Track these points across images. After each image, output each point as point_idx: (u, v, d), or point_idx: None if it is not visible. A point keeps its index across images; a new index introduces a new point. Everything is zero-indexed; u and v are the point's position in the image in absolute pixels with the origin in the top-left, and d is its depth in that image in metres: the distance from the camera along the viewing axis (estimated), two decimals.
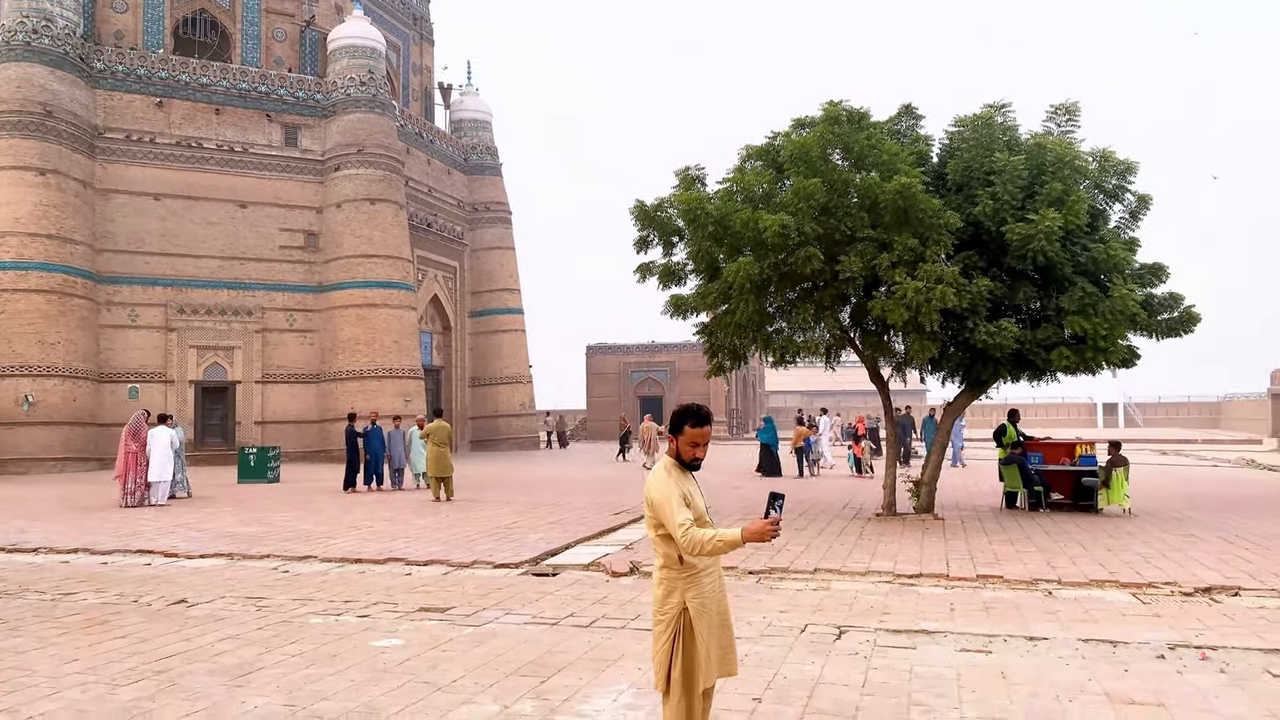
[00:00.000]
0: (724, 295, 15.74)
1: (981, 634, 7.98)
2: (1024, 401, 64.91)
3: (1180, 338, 16.23)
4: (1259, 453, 38.51)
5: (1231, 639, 7.72)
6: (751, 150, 16.61)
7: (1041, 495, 17.28)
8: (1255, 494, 20.39)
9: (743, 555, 11.70)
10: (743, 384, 61.93)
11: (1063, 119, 15.90)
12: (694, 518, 4.55)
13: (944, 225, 14.32)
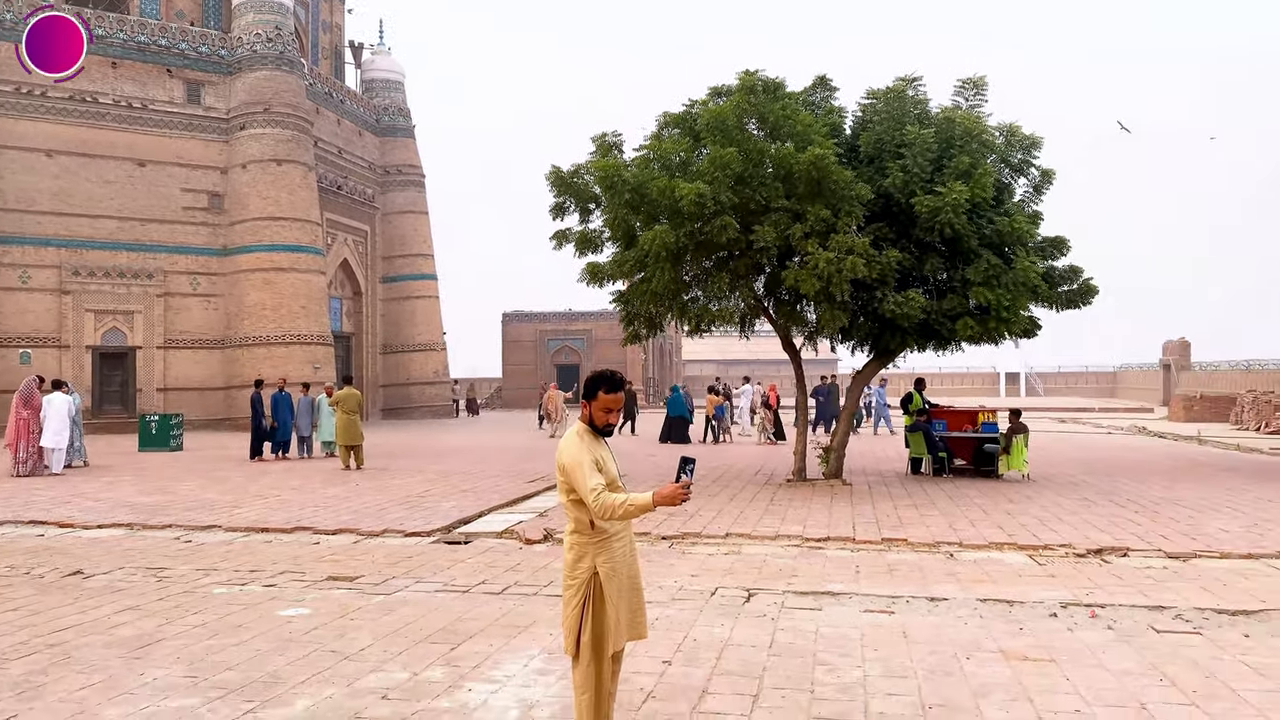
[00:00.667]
0: (640, 263, 15.73)
1: (885, 595, 8.21)
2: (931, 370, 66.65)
3: (1079, 309, 16.81)
4: (1150, 420, 40.29)
5: (1120, 597, 8.08)
6: (669, 118, 16.57)
7: (945, 461, 17.81)
8: (1145, 460, 21.33)
9: (656, 521, 11.80)
10: (660, 353, 62.22)
11: (971, 93, 16.23)
12: (606, 483, 4.55)
13: (856, 197, 14.53)
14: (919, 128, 15.08)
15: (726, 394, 31.68)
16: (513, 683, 5.93)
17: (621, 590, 4.69)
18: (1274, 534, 10.99)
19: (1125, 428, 34.85)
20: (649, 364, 57.73)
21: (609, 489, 4.57)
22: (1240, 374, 46.96)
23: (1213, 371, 51.88)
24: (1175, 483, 16.39)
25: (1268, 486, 15.81)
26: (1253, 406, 35.10)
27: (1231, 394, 40.04)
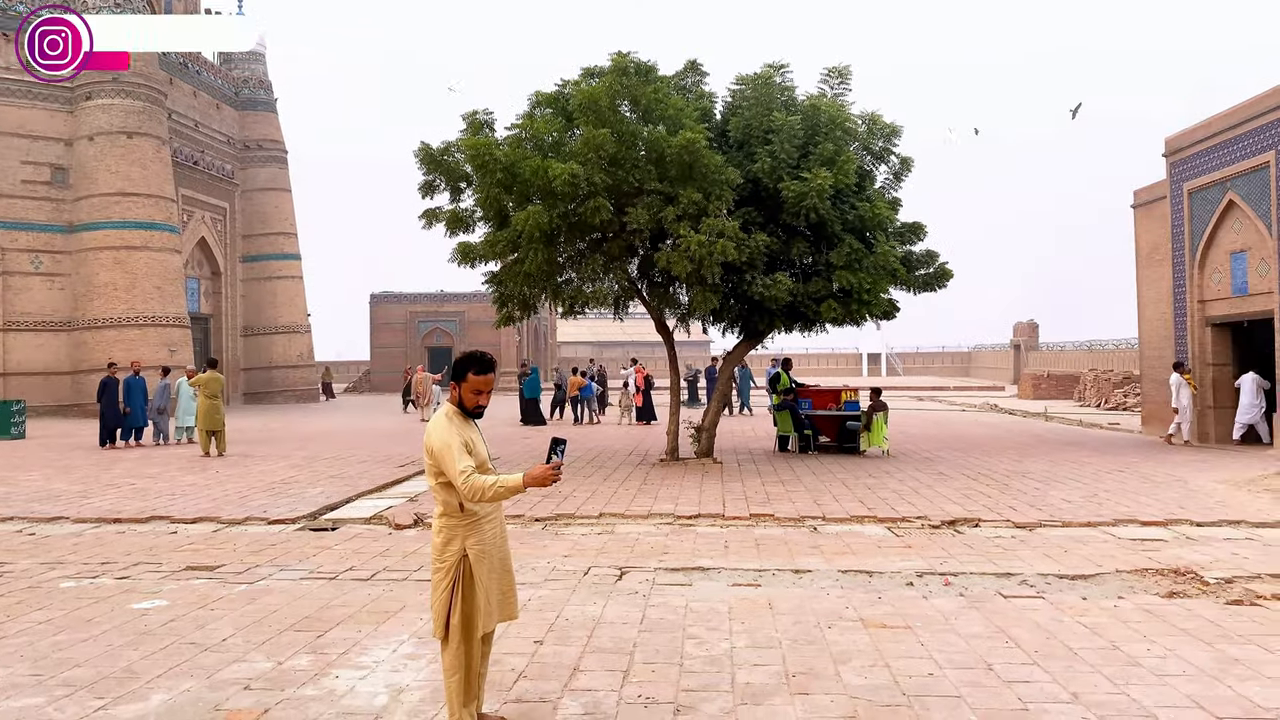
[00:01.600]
0: (513, 244, 15.61)
1: (753, 569, 8.44)
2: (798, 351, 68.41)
3: (935, 292, 17.55)
4: (1001, 398, 42.42)
5: (970, 566, 8.53)
6: (541, 97, 16.46)
7: (811, 439, 18.37)
8: (996, 435, 22.48)
9: (530, 503, 11.80)
10: (534, 334, 61.88)
11: (835, 82, 16.67)
12: (476, 465, 4.55)
13: (726, 181, 14.77)
14: (786, 114, 15.43)
15: (601, 377, 31.83)
16: (382, 668, 5.85)
17: (492, 572, 4.69)
18: (1110, 504, 11.76)
19: (978, 405, 36.60)
20: (523, 346, 57.33)
21: (479, 472, 4.57)
22: (1083, 354, 49.89)
23: (1059, 352, 54.95)
24: (1023, 457, 17.33)
25: (1106, 459, 16.88)
26: (1094, 384, 37.37)
27: (1075, 373, 42.50)
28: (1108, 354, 45.90)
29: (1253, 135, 18.07)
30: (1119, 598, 7.36)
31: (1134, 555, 8.82)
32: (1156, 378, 22.25)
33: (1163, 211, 21.52)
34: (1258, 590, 7.47)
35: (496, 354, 51.38)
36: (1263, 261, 18.11)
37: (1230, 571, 8.08)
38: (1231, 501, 11.81)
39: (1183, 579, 7.87)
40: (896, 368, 79.07)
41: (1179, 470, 14.99)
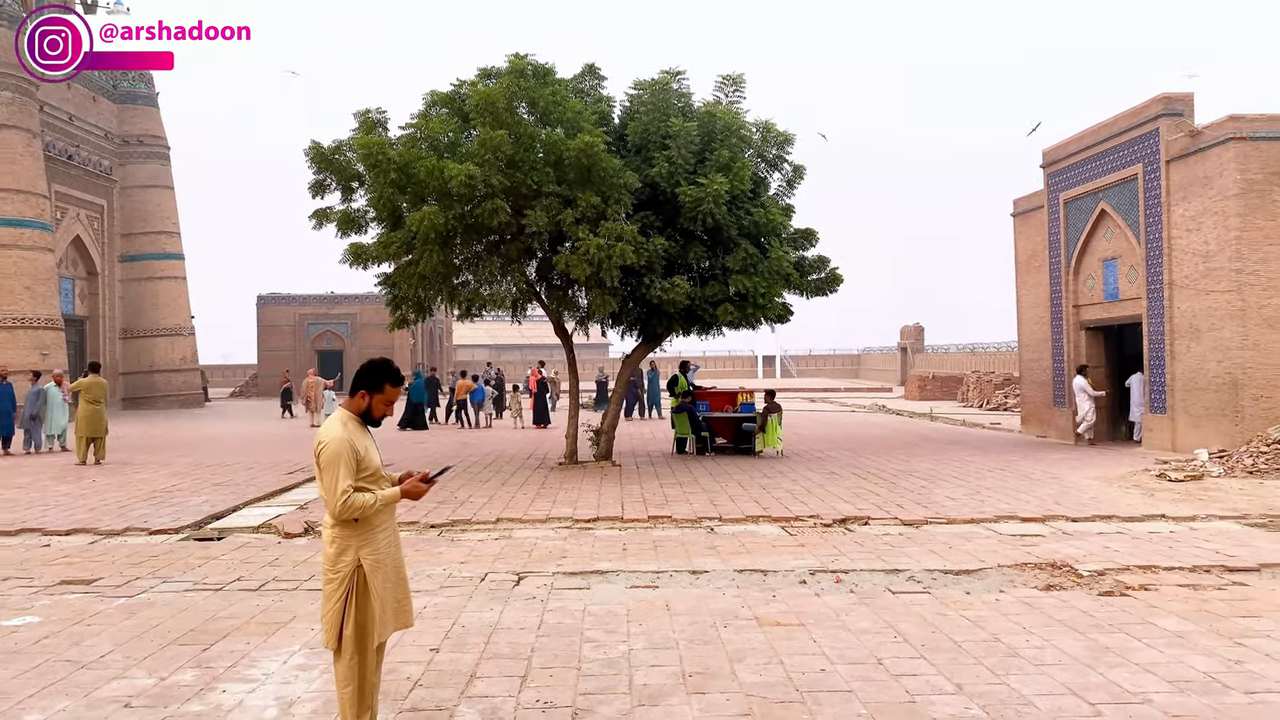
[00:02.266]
0: (408, 245, 15.38)
1: (651, 571, 8.50)
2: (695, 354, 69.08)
3: (826, 296, 17.98)
4: (889, 399, 43.67)
5: (861, 562, 8.76)
6: (437, 97, 16.26)
7: (708, 440, 18.61)
8: (884, 435, 23.13)
9: (425, 509, 11.64)
10: (429, 337, 60.94)
11: (730, 89, 16.93)
12: (370, 473, 4.55)
13: (624, 185, 14.84)
14: (683, 120, 15.58)
15: (499, 380, 31.58)
16: (271, 680, 5.70)
17: (387, 581, 4.63)
18: (992, 501, 12.23)
19: (868, 406, 37.60)
20: (418, 349, 56.41)
21: (372, 479, 4.56)
22: (966, 356, 51.76)
23: (943, 354, 56.88)
24: (910, 456, 17.88)
25: (988, 458, 17.55)
26: (976, 385, 38.80)
27: (959, 374, 44.05)
28: (989, 356, 47.72)
29: (1123, 148, 19.04)
30: (1000, 591, 7.67)
31: (1014, 550, 9.20)
32: (1035, 379, 23.24)
33: (1040, 220, 22.50)
34: (1127, 581, 7.88)
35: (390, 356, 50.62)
36: (1132, 269, 19.10)
37: (1102, 564, 8.50)
38: (1104, 497, 12.42)
39: (1059, 572, 8.25)
40: (790, 370, 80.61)
41: (1055, 468, 15.68)
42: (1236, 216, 16.12)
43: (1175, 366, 17.68)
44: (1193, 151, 17.11)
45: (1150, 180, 18.18)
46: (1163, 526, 10.40)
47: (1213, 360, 16.70)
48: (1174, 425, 17.72)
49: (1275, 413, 15.86)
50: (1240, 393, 16.08)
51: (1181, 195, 17.42)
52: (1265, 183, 16.12)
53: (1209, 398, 16.83)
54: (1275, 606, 7.09)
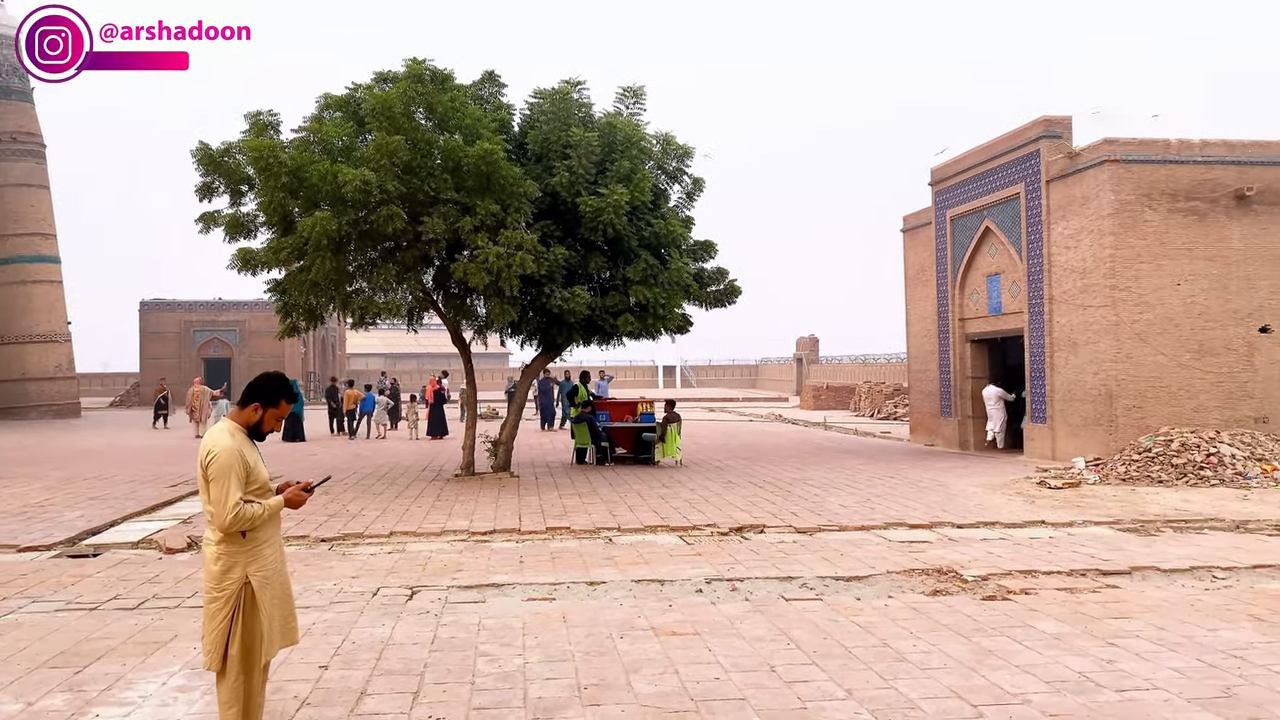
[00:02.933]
0: (299, 251, 14.98)
1: (547, 583, 8.44)
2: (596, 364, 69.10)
3: (725, 308, 18.21)
4: (785, 409, 44.44)
5: (756, 570, 8.88)
6: (331, 100, 15.90)
7: (608, 450, 18.61)
8: (780, 444, 23.51)
9: (315, 522, 11.35)
10: (322, 346, 59.48)
11: (631, 101, 17.03)
12: (257, 487, 4.47)
13: (524, 193, 14.76)
14: (584, 130, 15.60)
15: (394, 390, 30.99)
16: (149, 703, 5.46)
17: (275, 597, 4.53)
18: (882, 508, 12.54)
19: (765, 415, 38.19)
20: (310, 358, 55.02)
21: (260, 491, 4.47)
22: (859, 367, 53.03)
23: (837, 364, 58.17)
24: (805, 465, 18.22)
25: (878, 466, 18.01)
26: (868, 395, 39.78)
27: (852, 384, 45.08)
28: (880, 367, 49.00)
29: (1006, 168, 19.83)
30: (889, 597, 7.87)
31: (902, 556, 9.45)
32: (923, 389, 23.96)
33: (928, 236, 23.24)
34: (1009, 586, 8.17)
35: (280, 365, 49.16)
36: (1014, 284, 19.88)
37: (986, 569, 8.79)
38: (988, 504, 12.86)
39: (945, 578, 8.50)
40: (690, 380, 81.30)
41: (942, 476, 16.18)
42: (1111, 235, 16.94)
43: (1055, 378, 18.45)
44: (1071, 172, 17.93)
45: (1031, 199, 18.97)
46: (1043, 532, 10.83)
47: (1089, 372, 17.49)
48: (1054, 434, 18.48)
49: (1146, 422, 16.69)
50: (1114, 403, 16.88)
51: (1061, 214, 18.22)
52: (1137, 203, 16.99)
53: (1086, 408, 17.61)
54: (1145, 608, 7.44)
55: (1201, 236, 17.11)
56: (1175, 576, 8.53)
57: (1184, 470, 14.70)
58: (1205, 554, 9.40)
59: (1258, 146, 17.59)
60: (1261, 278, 17.23)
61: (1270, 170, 17.31)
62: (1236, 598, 7.74)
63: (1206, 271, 17.09)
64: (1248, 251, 17.21)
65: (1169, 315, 16.97)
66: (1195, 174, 17.15)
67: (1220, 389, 17.03)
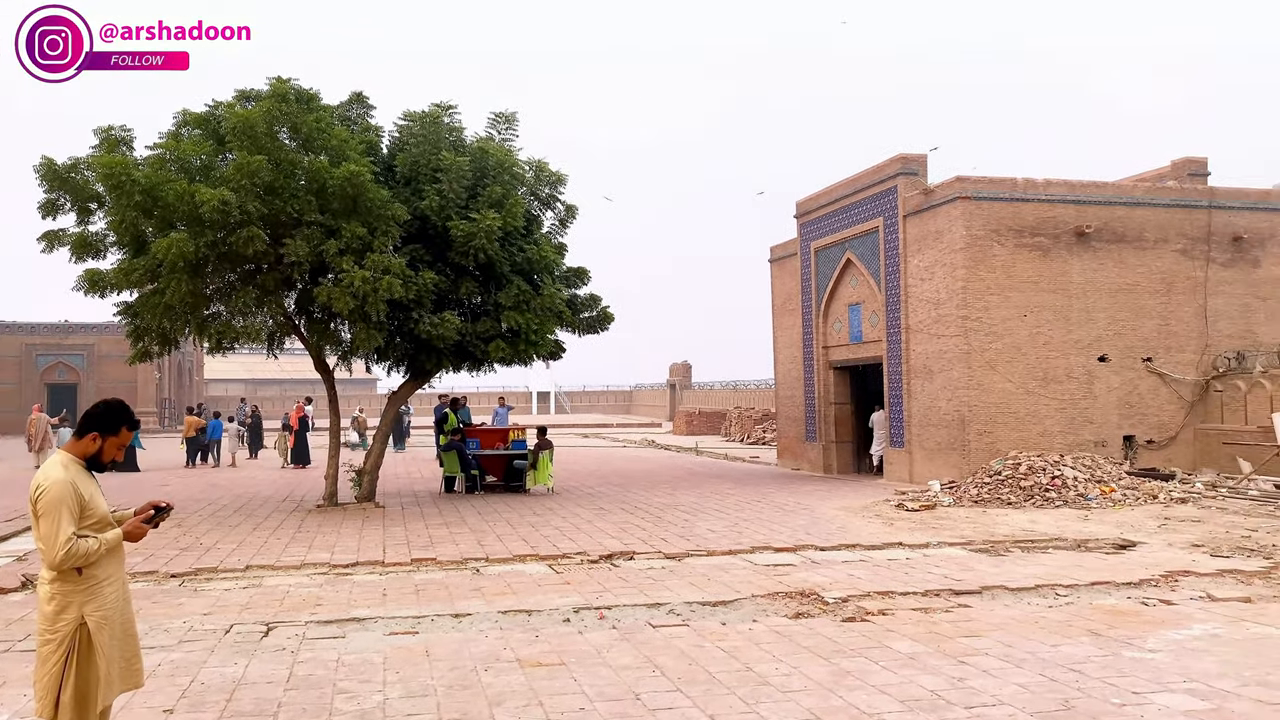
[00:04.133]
0: (152, 273, 14.35)
1: (411, 616, 8.25)
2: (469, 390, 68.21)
3: (598, 334, 18.29)
4: (659, 434, 44.81)
5: (625, 598, 8.89)
6: (189, 117, 15.36)
7: (478, 478, 18.35)
8: (653, 470, 23.67)
9: (165, 557, 10.81)
10: (178, 371, 56.88)
11: (503, 127, 17.00)
12: (95, 520, 4.25)
13: (392, 217, 14.53)
14: (455, 155, 15.48)
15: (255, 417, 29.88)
16: None
17: (114, 638, 4.29)
18: (749, 532, 12.76)
19: (638, 441, 38.42)
20: (165, 384, 52.54)
21: (98, 526, 4.24)
22: (730, 392, 53.98)
23: (709, 390, 59.09)
24: (676, 490, 18.39)
25: (747, 490, 18.33)
26: (738, 421, 40.54)
27: (723, 410, 45.87)
28: (750, 393, 50.00)
29: (866, 203, 20.62)
30: (754, 621, 7.99)
31: (767, 580, 9.62)
32: (790, 415, 24.55)
33: (794, 266, 23.93)
34: (867, 607, 8.41)
35: (132, 392, 46.91)
36: (874, 314, 20.64)
37: (846, 591, 9.04)
38: (849, 527, 13.24)
39: (807, 600, 8.70)
40: (565, 406, 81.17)
41: (807, 499, 16.59)
42: (963, 268, 17.79)
43: (912, 404, 19.20)
44: (926, 208, 18.78)
45: (890, 233, 19.77)
46: (900, 554, 11.20)
47: (944, 398, 18.27)
48: (911, 458, 19.21)
49: (996, 446, 17.52)
50: (967, 428, 17.67)
51: (917, 247, 19.04)
52: (987, 238, 17.91)
53: (941, 433, 18.38)
54: (993, 625, 7.78)
55: (1046, 270, 18.17)
56: (1022, 595, 8.95)
57: (1031, 492, 15.47)
58: (1049, 572, 9.90)
59: (1095, 186, 18.83)
60: (1099, 310, 18.39)
61: (1106, 209, 18.55)
62: (1077, 614, 8.17)
63: (1050, 303, 18.15)
64: (1087, 285, 18.35)
65: (1016, 344, 17.92)
66: (1040, 211, 18.22)
67: (1064, 415, 18.06)
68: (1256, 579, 9.52)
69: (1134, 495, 15.37)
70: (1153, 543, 11.69)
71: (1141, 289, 18.72)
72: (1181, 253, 19.00)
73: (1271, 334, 19.31)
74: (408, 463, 26.79)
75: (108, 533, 4.24)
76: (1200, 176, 20.47)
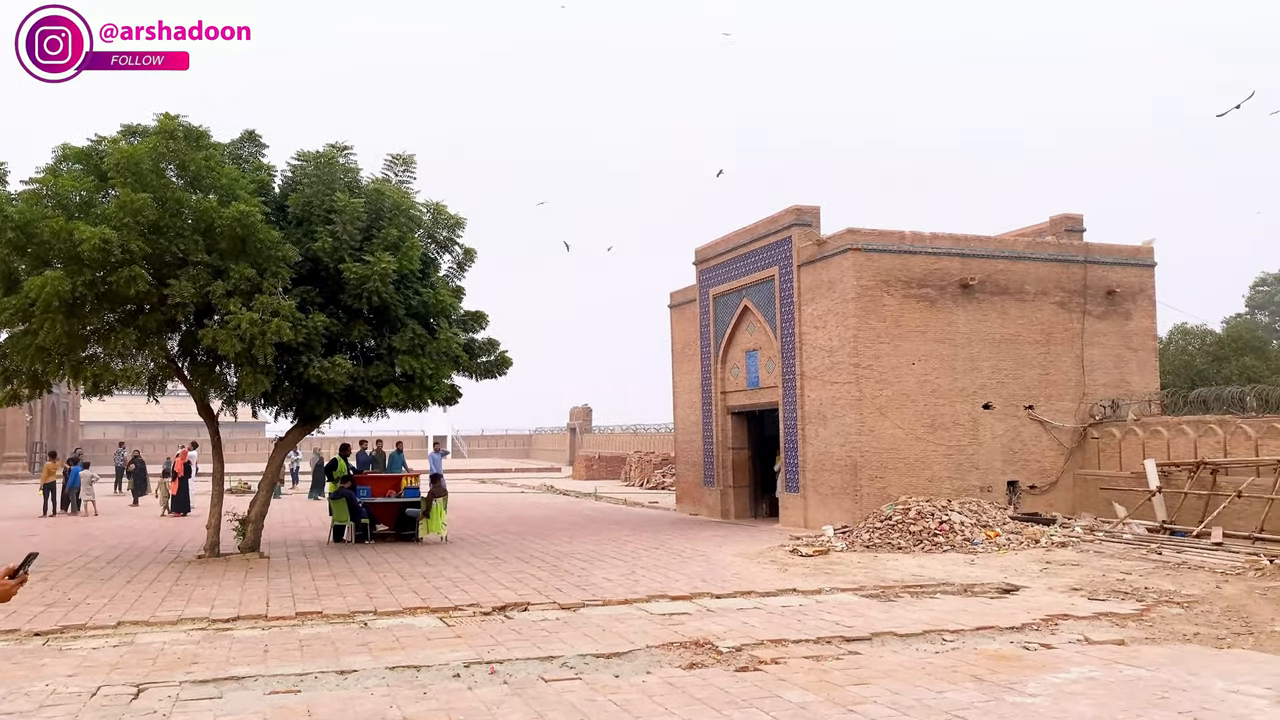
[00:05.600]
0: (24, 313, 13.66)
1: (294, 673, 7.93)
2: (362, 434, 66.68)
3: (495, 379, 18.10)
4: (558, 479, 44.49)
5: (518, 651, 8.72)
6: (69, 151, 14.77)
7: (368, 527, 17.85)
8: (550, 516, 23.45)
9: (28, 616, 10.19)
10: (52, 413, 54.16)
11: (401, 169, 16.82)
12: None
13: (283, 258, 14.20)
14: (349, 196, 15.24)
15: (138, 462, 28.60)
16: None
17: None
18: (646, 580, 12.71)
19: (537, 486, 38.05)
20: (36, 426, 49.93)
21: None
22: (630, 436, 54.03)
23: (609, 434, 59.01)
24: (574, 537, 18.23)
25: (644, 536, 18.29)
26: (638, 465, 40.56)
27: (623, 454, 45.83)
28: (650, 437, 50.15)
29: (763, 252, 21.05)
30: (647, 672, 7.93)
31: (663, 630, 9.58)
32: (688, 460, 24.68)
33: (693, 312, 24.21)
34: (760, 656, 8.44)
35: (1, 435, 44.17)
36: (770, 360, 20.99)
37: (740, 640, 9.05)
38: (745, 573, 13.32)
39: (701, 650, 8.68)
40: (462, 450, 79.94)
41: (704, 545, 16.64)
42: (854, 317, 18.27)
43: (807, 449, 19.53)
44: (819, 258, 19.26)
45: (785, 282, 20.20)
46: (794, 600, 11.30)
47: (837, 444, 18.64)
48: (806, 503, 19.49)
49: (888, 491, 17.92)
50: (859, 474, 18.04)
51: (811, 296, 19.49)
52: (877, 289, 18.45)
53: (834, 478, 18.72)
54: (882, 672, 7.88)
55: (933, 320, 18.79)
56: (910, 640, 9.11)
57: (920, 537, 15.84)
58: (937, 617, 10.11)
59: (978, 240, 19.63)
60: (984, 359, 19.09)
61: (988, 262, 19.34)
62: (962, 659, 8.35)
63: (938, 352, 18.76)
64: (971, 335, 19.05)
65: (905, 392, 18.43)
66: (927, 264, 18.88)
67: (951, 460, 18.61)
68: (1130, 621, 9.91)
69: (1017, 540, 15.88)
70: (1034, 586, 12.07)
71: (1023, 339, 19.51)
72: (1060, 305, 19.90)
73: (1143, 383, 20.34)
74: (295, 510, 25.95)
75: None
76: (1076, 233, 21.53)
